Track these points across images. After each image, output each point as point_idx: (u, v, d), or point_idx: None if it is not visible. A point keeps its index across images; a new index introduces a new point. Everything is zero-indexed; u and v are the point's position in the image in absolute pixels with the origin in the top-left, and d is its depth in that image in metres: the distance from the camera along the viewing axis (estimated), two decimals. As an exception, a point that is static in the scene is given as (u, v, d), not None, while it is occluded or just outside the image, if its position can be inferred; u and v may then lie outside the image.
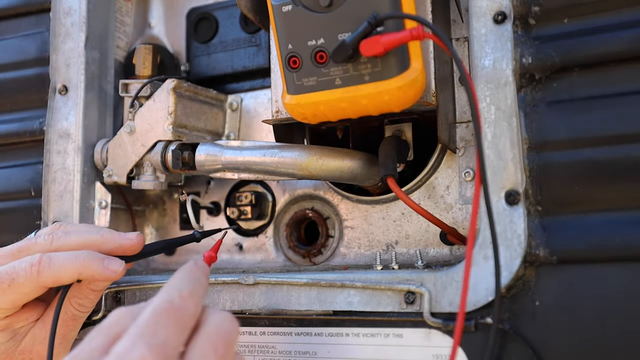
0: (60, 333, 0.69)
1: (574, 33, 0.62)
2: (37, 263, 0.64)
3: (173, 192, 0.94)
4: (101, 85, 0.89)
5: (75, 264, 0.64)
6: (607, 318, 0.57)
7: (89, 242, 0.68)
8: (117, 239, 0.68)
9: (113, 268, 0.65)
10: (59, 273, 0.64)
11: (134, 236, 0.68)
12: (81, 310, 0.69)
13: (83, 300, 0.69)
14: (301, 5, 0.61)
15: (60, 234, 0.68)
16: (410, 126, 0.76)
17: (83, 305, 0.69)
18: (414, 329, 0.62)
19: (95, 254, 0.66)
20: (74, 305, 0.69)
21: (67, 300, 0.68)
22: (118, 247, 0.68)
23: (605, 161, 0.59)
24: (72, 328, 0.70)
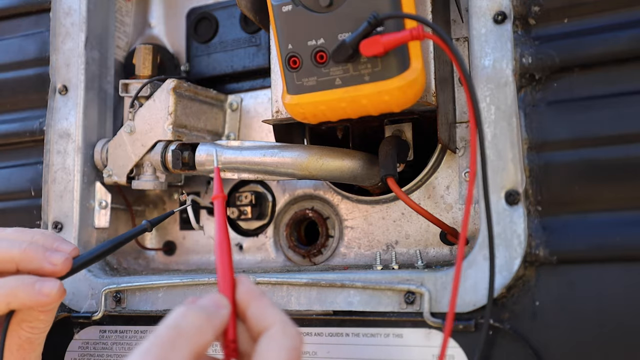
0: (20, 357, 0.64)
1: (574, 33, 0.62)
2: None
3: (173, 192, 0.94)
4: (101, 85, 0.89)
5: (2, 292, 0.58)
6: (607, 318, 0.57)
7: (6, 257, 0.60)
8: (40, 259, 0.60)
9: (46, 292, 0.59)
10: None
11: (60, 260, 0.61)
12: (35, 332, 0.64)
13: (34, 323, 0.63)
14: (301, 5, 0.61)
15: None
16: (410, 126, 0.76)
17: (36, 327, 0.64)
18: (414, 329, 0.62)
19: (23, 279, 0.59)
20: (25, 330, 0.63)
21: (17, 326, 0.63)
22: (39, 270, 0.60)
23: (605, 161, 0.59)
24: (30, 350, 0.65)
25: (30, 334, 0.64)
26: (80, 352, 0.77)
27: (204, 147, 0.77)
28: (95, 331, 0.77)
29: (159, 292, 0.75)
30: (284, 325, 0.50)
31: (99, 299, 0.77)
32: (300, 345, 0.50)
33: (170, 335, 0.46)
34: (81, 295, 0.79)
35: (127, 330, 0.76)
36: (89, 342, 0.77)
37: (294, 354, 0.49)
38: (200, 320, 0.48)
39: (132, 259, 0.92)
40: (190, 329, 0.47)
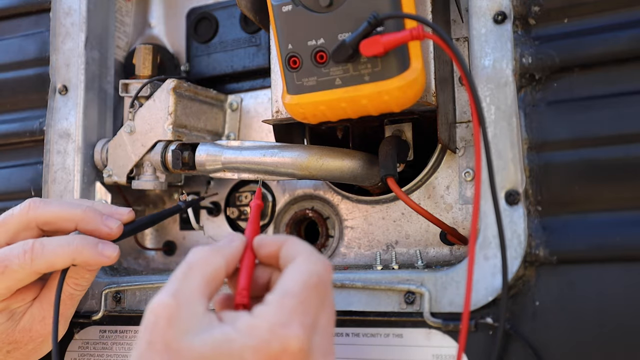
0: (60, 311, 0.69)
1: (574, 33, 0.62)
2: (30, 250, 0.64)
3: (173, 192, 0.94)
4: (101, 85, 0.89)
5: (68, 251, 0.65)
6: (607, 318, 0.57)
7: (68, 216, 0.67)
8: (98, 222, 0.67)
9: (107, 254, 0.65)
10: (52, 260, 0.65)
11: (115, 224, 0.67)
12: (78, 289, 0.70)
13: (80, 280, 0.70)
14: (301, 5, 0.61)
15: (39, 203, 0.68)
16: (410, 126, 0.76)
17: (80, 284, 0.70)
18: (414, 329, 0.62)
19: (88, 239, 0.66)
20: (71, 285, 0.69)
21: (65, 281, 0.68)
22: (95, 231, 0.67)
23: (605, 161, 0.59)
24: (70, 306, 0.71)
25: (73, 290, 0.70)
26: (80, 352, 0.78)
27: (204, 147, 0.77)
28: (95, 331, 0.77)
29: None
30: (309, 254, 0.53)
31: (99, 299, 0.77)
32: (325, 272, 0.52)
33: (183, 269, 0.52)
34: (81, 295, 0.79)
35: (127, 330, 0.76)
36: (89, 342, 0.77)
37: (315, 279, 0.50)
38: (208, 253, 0.53)
39: (132, 259, 0.92)
40: (199, 260, 0.52)
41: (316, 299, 0.50)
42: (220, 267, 0.53)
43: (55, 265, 0.65)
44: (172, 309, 0.48)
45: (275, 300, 0.49)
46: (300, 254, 0.53)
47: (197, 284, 0.51)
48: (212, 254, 0.53)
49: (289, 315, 0.48)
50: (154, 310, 0.49)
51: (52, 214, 0.67)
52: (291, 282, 0.50)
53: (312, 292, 0.50)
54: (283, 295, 0.49)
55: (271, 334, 0.47)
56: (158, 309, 0.49)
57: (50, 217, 0.67)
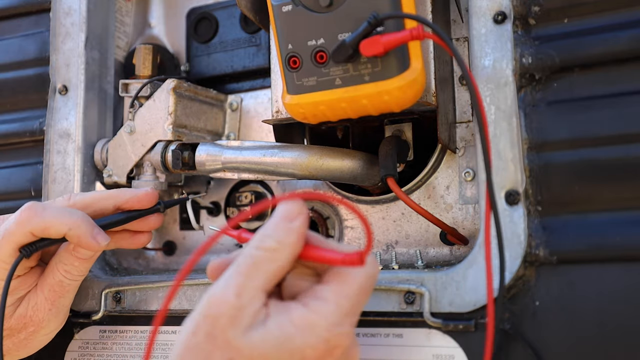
0: (49, 298, 0.71)
1: (574, 33, 0.62)
2: (28, 209, 0.66)
3: (173, 192, 0.94)
4: (101, 85, 0.89)
5: (68, 219, 0.66)
6: (607, 318, 0.57)
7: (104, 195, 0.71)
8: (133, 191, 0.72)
9: (98, 239, 0.67)
10: (49, 221, 0.66)
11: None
12: (67, 277, 0.70)
13: (69, 267, 0.70)
14: (301, 5, 0.61)
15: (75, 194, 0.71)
16: (410, 126, 0.76)
17: (69, 272, 0.70)
18: (414, 329, 0.62)
19: (88, 219, 0.67)
20: (60, 271, 0.70)
21: (54, 265, 0.70)
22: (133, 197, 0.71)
23: (605, 161, 0.59)
24: (60, 295, 0.71)
25: (62, 278, 0.70)
26: (80, 352, 0.78)
27: (204, 147, 0.77)
28: (95, 331, 0.77)
29: (159, 292, 0.75)
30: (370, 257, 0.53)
31: (99, 299, 0.77)
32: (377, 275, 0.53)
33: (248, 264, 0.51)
34: (81, 295, 0.78)
35: (127, 330, 0.76)
36: (89, 342, 0.77)
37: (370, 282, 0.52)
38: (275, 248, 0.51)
39: (132, 259, 0.92)
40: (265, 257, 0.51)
41: (366, 300, 0.53)
42: (285, 266, 0.52)
43: (50, 230, 0.66)
44: (236, 310, 0.49)
45: (332, 300, 0.50)
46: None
47: (261, 283, 0.51)
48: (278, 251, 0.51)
49: (344, 316, 0.50)
50: (217, 306, 0.49)
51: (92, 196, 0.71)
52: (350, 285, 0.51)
53: (365, 295, 0.52)
54: (340, 296, 0.51)
55: (329, 333, 0.49)
56: (222, 306, 0.49)
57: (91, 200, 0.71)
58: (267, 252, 0.51)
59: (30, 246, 0.67)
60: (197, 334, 0.49)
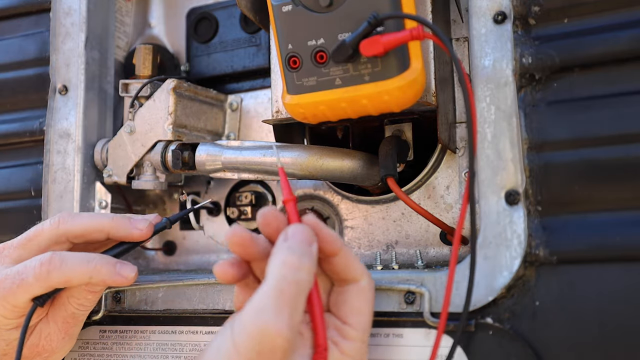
0: (63, 329, 0.70)
1: (574, 33, 0.62)
2: (47, 262, 0.64)
3: (173, 192, 0.94)
4: (101, 85, 0.89)
5: (87, 268, 0.64)
6: (607, 318, 0.57)
7: (98, 226, 0.67)
8: (128, 227, 0.67)
9: (125, 274, 0.65)
10: (69, 275, 0.64)
11: (144, 226, 0.68)
12: (81, 309, 0.70)
13: (82, 301, 0.69)
14: (301, 5, 0.61)
15: (68, 217, 0.68)
16: (410, 126, 0.76)
17: (82, 305, 0.70)
18: (414, 329, 0.62)
19: (107, 258, 0.65)
20: (73, 305, 0.69)
21: (66, 299, 0.69)
22: (128, 236, 0.68)
23: (605, 161, 0.59)
24: (73, 325, 0.71)
25: (76, 310, 0.69)
26: (80, 352, 0.77)
27: (204, 147, 0.77)
28: (95, 331, 0.77)
29: (159, 292, 0.74)
30: (370, 278, 0.57)
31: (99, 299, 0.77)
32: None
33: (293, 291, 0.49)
34: (81, 295, 0.78)
35: (127, 330, 0.76)
36: (89, 342, 0.77)
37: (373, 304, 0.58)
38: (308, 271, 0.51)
39: (132, 259, 0.92)
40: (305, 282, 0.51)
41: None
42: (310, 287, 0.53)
43: (72, 281, 0.64)
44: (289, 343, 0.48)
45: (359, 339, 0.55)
46: (364, 276, 0.57)
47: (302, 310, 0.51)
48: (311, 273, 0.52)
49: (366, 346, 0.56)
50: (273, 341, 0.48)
51: (83, 225, 0.67)
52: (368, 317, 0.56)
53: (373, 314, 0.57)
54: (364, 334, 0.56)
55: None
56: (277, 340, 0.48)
57: (81, 229, 0.67)
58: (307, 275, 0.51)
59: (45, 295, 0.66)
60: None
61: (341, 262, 0.56)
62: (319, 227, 0.55)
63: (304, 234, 0.53)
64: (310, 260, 0.52)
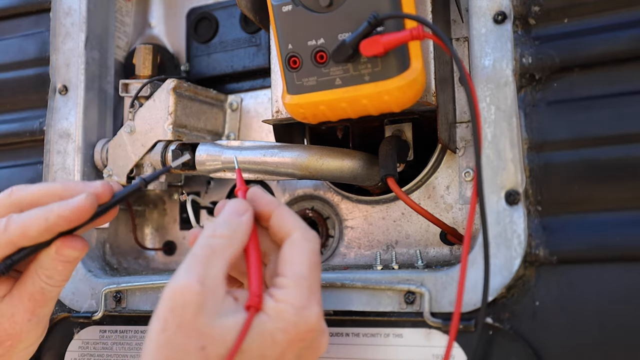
0: (29, 308, 0.64)
1: (574, 33, 0.62)
2: (5, 220, 0.61)
3: (173, 192, 0.94)
4: (101, 85, 0.89)
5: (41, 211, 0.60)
6: (607, 318, 0.57)
7: (50, 191, 0.63)
8: (81, 187, 0.63)
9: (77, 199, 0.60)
10: (25, 224, 0.60)
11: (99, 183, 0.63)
12: (50, 283, 0.64)
13: (51, 272, 0.63)
14: (301, 5, 0.61)
15: (21, 186, 0.64)
16: (410, 126, 0.76)
17: (52, 277, 0.63)
18: (414, 329, 0.62)
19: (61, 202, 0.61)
20: (41, 278, 0.63)
21: (35, 272, 0.63)
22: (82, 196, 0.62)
23: (605, 161, 0.59)
24: (42, 304, 0.65)
25: (44, 284, 0.64)
26: (80, 352, 0.78)
27: (204, 147, 0.77)
28: (95, 331, 0.77)
29: (159, 292, 0.74)
30: (304, 230, 0.57)
31: (99, 299, 0.77)
32: (318, 247, 0.57)
33: (206, 252, 0.54)
34: (81, 295, 0.79)
35: (127, 330, 0.76)
36: (89, 342, 0.77)
37: (314, 257, 0.56)
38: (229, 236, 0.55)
39: (132, 259, 0.92)
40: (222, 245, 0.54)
41: (319, 275, 0.56)
42: (239, 251, 0.56)
43: (30, 231, 0.60)
44: (201, 296, 0.51)
45: (292, 285, 0.54)
46: (296, 229, 0.57)
47: (221, 270, 0.53)
48: (233, 238, 0.55)
49: (307, 297, 0.54)
50: (182, 295, 0.51)
51: (35, 191, 0.64)
52: (300, 265, 0.55)
53: (317, 269, 0.56)
54: (297, 279, 0.54)
55: (297, 317, 0.53)
56: (187, 294, 0.51)
57: (33, 196, 0.63)
58: (223, 239, 0.55)
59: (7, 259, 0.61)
60: (167, 329, 0.50)
61: (275, 222, 0.58)
62: (256, 196, 0.60)
63: (233, 206, 0.58)
64: (229, 227, 0.56)
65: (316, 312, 0.54)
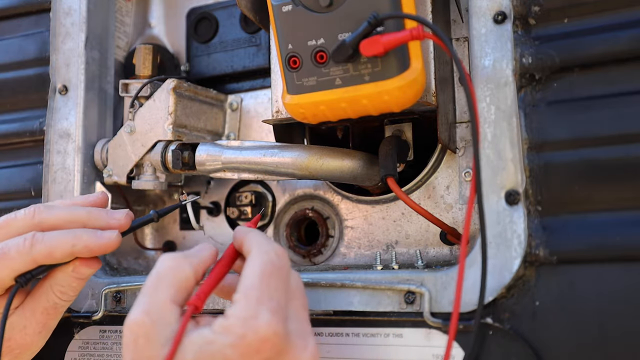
0: (41, 321, 0.67)
1: (574, 33, 0.62)
2: (30, 237, 0.63)
3: (173, 192, 0.94)
4: (101, 85, 0.89)
5: (69, 236, 0.63)
6: (607, 318, 0.57)
7: (74, 217, 0.66)
8: (105, 217, 0.66)
9: (107, 235, 0.64)
10: (52, 245, 0.63)
11: (122, 215, 0.66)
12: (63, 298, 0.67)
13: (66, 288, 0.66)
14: (301, 5, 0.61)
15: (43, 208, 0.66)
16: (410, 126, 0.76)
17: (66, 293, 0.67)
18: (414, 329, 0.62)
19: (87, 229, 0.65)
20: (56, 294, 0.67)
21: (49, 288, 0.66)
22: (105, 226, 0.66)
23: (605, 161, 0.59)
24: (53, 317, 0.68)
25: (58, 300, 0.67)
26: (80, 352, 0.78)
27: (204, 147, 0.77)
28: (95, 331, 0.77)
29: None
30: (259, 244, 0.56)
31: (99, 299, 0.77)
32: (277, 258, 0.55)
33: (152, 281, 0.54)
34: (81, 295, 0.78)
35: (127, 330, 0.76)
36: (89, 342, 0.77)
37: (270, 267, 0.54)
38: (176, 261, 0.55)
39: (132, 259, 0.92)
40: (167, 269, 0.54)
41: (276, 284, 0.53)
42: (188, 275, 0.55)
43: (55, 253, 0.63)
44: (148, 326, 0.51)
45: (240, 298, 0.52)
46: (253, 246, 0.56)
47: (167, 295, 0.53)
48: (180, 262, 0.55)
49: (255, 306, 0.51)
50: (132, 329, 0.52)
51: (58, 216, 0.66)
52: (250, 277, 0.53)
53: (271, 279, 0.53)
54: (246, 291, 0.52)
55: (244, 328, 0.50)
56: (134, 328, 0.51)
57: (56, 220, 0.66)
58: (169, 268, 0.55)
59: (27, 274, 0.64)
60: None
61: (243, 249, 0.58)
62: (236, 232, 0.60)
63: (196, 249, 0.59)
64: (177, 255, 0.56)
65: (266, 319, 0.50)
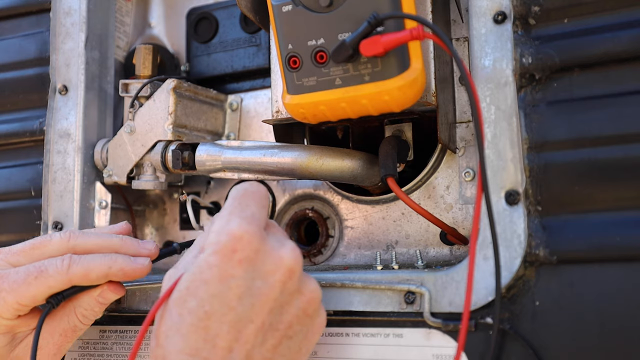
0: (57, 343, 0.68)
1: (574, 33, 0.62)
2: (68, 258, 0.65)
3: (173, 192, 0.94)
4: (101, 85, 0.89)
5: (105, 259, 0.66)
6: (607, 318, 0.57)
7: (108, 244, 0.69)
8: (137, 246, 0.69)
9: (141, 261, 0.67)
10: (89, 267, 0.65)
11: (152, 246, 0.70)
12: (83, 322, 0.69)
13: (88, 312, 0.69)
14: (301, 5, 0.61)
15: (78, 233, 0.69)
16: (410, 126, 0.76)
17: (86, 317, 0.69)
18: (414, 329, 0.62)
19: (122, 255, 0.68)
20: (78, 316, 0.68)
21: (72, 310, 0.68)
22: (136, 254, 0.69)
23: (605, 161, 0.59)
24: (70, 340, 0.69)
25: (78, 322, 0.69)
26: (80, 352, 0.78)
27: (204, 147, 0.77)
28: (95, 331, 0.77)
29: (159, 292, 0.74)
30: None
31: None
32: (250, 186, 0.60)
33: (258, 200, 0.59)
34: (81, 295, 0.78)
35: (127, 330, 0.76)
36: (89, 342, 0.77)
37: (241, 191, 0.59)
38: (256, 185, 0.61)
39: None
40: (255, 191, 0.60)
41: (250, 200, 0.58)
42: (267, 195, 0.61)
43: (91, 274, 0.65)
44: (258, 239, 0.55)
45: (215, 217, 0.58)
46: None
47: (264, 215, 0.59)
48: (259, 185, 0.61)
49: (227, 217, 0.56)
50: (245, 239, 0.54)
51: (93, 242, 0.68)
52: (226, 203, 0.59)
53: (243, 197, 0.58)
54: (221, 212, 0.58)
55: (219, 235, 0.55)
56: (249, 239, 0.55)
57: (91, 246, 0.68)
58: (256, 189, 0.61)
59: (59, 295, 0.66)
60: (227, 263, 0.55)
61: None
62: None
63: None
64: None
65: (237, 223, 0.55)
